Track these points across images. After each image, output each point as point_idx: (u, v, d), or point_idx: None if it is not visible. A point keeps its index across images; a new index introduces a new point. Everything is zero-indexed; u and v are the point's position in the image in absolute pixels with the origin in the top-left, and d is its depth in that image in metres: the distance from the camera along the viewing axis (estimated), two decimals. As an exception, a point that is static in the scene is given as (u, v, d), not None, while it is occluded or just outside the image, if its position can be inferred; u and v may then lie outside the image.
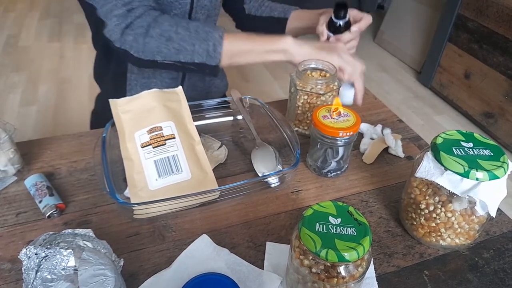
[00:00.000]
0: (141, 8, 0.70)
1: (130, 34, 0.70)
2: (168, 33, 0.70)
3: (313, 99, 0.72)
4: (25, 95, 2.24)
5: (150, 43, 0.70)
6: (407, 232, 0.59)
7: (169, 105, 0.67)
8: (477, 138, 0.54)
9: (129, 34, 0.70)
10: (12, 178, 0.65)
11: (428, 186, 0.53)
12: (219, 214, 0.61)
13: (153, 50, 0.71)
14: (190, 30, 0.71)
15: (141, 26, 0.69)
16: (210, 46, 0.71)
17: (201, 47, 0.71)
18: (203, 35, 0.71)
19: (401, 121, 0.84)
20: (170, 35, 0.70)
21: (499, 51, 1.93)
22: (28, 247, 0.42)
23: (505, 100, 1.93)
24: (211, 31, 0.71)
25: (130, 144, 0.63)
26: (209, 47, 0.71)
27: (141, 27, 0.69)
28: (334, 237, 0.42)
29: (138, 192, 0.59)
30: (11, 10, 3.33)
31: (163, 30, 0.70)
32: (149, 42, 0.70)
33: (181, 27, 0.70)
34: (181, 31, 0.70)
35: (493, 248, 0.57)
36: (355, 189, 0.66)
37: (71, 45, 2.80)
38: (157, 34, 0.70)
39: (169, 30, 0.70)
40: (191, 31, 0.70)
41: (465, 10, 2.08)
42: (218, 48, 0.71)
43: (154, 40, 0.70)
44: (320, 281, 0.43)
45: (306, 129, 0.77)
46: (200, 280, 0.45)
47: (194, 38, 0.70)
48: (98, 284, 0.41)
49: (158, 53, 0.71)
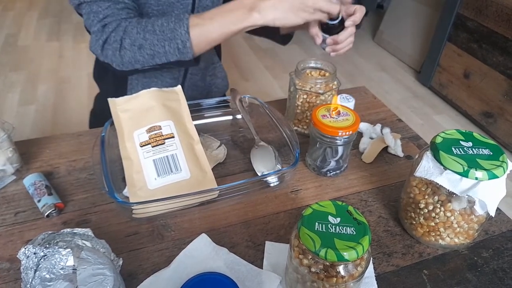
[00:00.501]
0: (114, 23, 0.71)
1: (109, 48, 0.72)
2: (138, 41, 0.71)
3: (313, 98, 0.72)
4: (24, 95, 2.23)
5: (126, 55, 0.72)
6: (406, 231, 0.59)
7: (168, 104, 0.67)
8: (477, 137, 0.54)
9: (108, 49, 0.72)
10: (10, 177, 0.65)
11: (427, 186, 0.53)
12: (218, 214, 0.61)
13: (130, 61, 0.72)
14: (157, 32, 0.70)
15: (115, 40, 0.71)
16: (179, 43, 0.70)
17: (171, 46, 0.70)
18: (169, 35, 0.70)
19: (401, 121, 0.84)
20: (140, 42, 0.71)
21: (499, 50, 1.93)
22: (27, 247, 0.42)
23: (504, 100, 1.93)
24: (176, 28, 0.70)
25: (129, 144, 0.63)
26: (178, 45, 0.70)
27: (116, 41, 0.71)
28: (333, 237, 0.42)
29: (137, 192, 0.59)
30: (10, 9, 3.33)
31: (133, 40, 0.71)
32: (124, 54, 0.71)
33: (147, 31, 0.70)
34: (148, 36, 0.70)
35: (492, 248, 0.57)
36: (355, 189, 0.66)
37: (70, 44, 2.80)
38: (129, 44, 0.71)
39: (138, 38, 0.70)
40: (158, 33, 0.70)
41: (465, 10, 2.08)
42: (187, 44, 0.70)
43: (128, 51, 0.71)
44: (320, 280, 0.43)
45: (306, 129, 0.77)
46: (199, 279, 0.45)
47: (162, 40, 0.70)
48: (97, 284, 0.41)
49: (136, 62, 0.72)
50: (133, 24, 0.71)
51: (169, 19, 0.70)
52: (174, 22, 0.70)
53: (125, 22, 0.72)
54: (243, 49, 2.81)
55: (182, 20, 0.70)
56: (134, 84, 0.87)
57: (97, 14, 0.71)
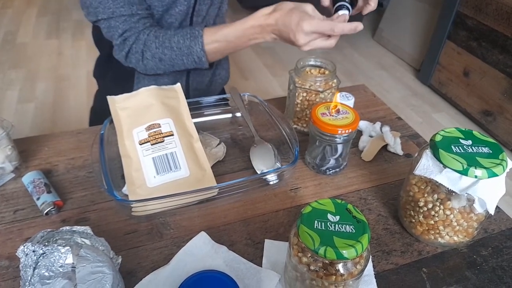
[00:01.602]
0: (133, 36, 0.76)
1: (132, 58, 0.78)
2: (158, 54, 0.77)
3: (312, 96, 0.72)
4: (23, 92, 2.23)
5: (148, 64, 0.78)
6: (405, 229, 0.59)
7: (168, 102, 0.67)
8: (476, 135, 0.54)
9: (132, 58, 0.78)
10: (9, 175, 0.65)
11: (426, 184, 0.53)
12: (217, 212, 0.61)
13: (153, 68, 0.79)
14: (174, 48, 0.76)
15: (136, 52, 0.77)
16: (195, 58, 0.77)
17: (188, 60, 0.77)
18: (186, 51, 0.76)
19: (400, 119, 0.84)
20: (160, 56, 0.77)
21: (498, 49, 1.93)
22: (26, 244, 0.42)
23: (504, 98, 1.93)
24: (191, 46, 0.75)
25: (128, 141, 0.63)
26: (195, 59, 0.77)
27: (137, 52, 0.77)
28: (333, 235, 0.42)
29: (136, 190, 0.59)
30: (9, 7, 3.32)
31: (153, 53, 0.77)
32: (147, 63, 0.78)
33: (165, 47, 0.76)
34: (167, 52, 0.76)
35: (491, 246, 0.57)
36: (354, 187, 0.66)
37: (69, 42, 2.79)
38: (151, 56, 0.77)
39: (157, 52, 0.77)
40: (175, 49, 0.76)
41: (464, 8, 2.08)
42: (203, 59, 0.77)
43: (150, 61, 0.78)
44: (319, 278, 0.43)
45: (305, 127, 0.77)
46: (199, 277, 0.45)
47: (179, 55, 0.76)
48: (96, 282, 0.41)
49: (158, 69, 0.80)
50: (151, 38, 0.76)
51: (185, 35, 0.75)
52: (190, 40, 0.75)
53: (143, 35, 0.76)
54: (242, 47, 2.80)
55: (197, 38, 0.75)
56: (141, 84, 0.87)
57: (116, 29, 0.75)
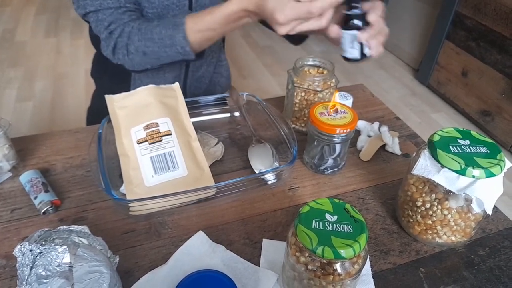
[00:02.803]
0: (119, 28, 0.74)
1: (119, 52, 0.75)
2: (141, 48, 0.73)
3: (310, 96, 0.72)
4: (21, 91, 2.23)
5: (134, 59, 0.75)
6: (403, 229, 0.59)
7: (166, 101, 0.67)
8: (474, 135, 0.54)
9: (118, 53, 0.75)
10: (7, 174, 0.64)
11: (424, 184, 0.53)
12: (215, 211, 0.60)
13: (140, 63, 0.76)
14: (156, 40, 0.72)
15: (122, 46, 0.74)
16: (178, 48, 0.72)
17: (172, 51, 0.73)
18: (168, 42, 0.72)
19: (398, 119, 0.84)
20: (143, 50, 0.74)
21: (497, 49, 1.93)
22: (23, 244, 0.42)
23: (502, 98, 1.94)
24: (173, 35, 0.71)
25: (126, 140, 0.63)
26: (178, 49, 0.73)
27: (123, 46, 0.74)
28: (331, 234, 0.42)
29: (134, 189, 0.59)
30: (7, 5, 3.31)
31: (136, 46, 0.73)
32: (133, 58, 0.75)
33: (147, 39, 0.72)
34: (149, 43, 0.73)
35: (489, 246, 0.57)
36: (352, 187, 0.66)
37: (68, 40, 2.78)
38: (135, 50, 0.74)
39: (140, 45, 0.73)
40: (157, 40, 0.72)
41: (463, 8, 2.08)
42: (187, 48, 0.72)
43: (136, 56, 0.75)
44: (316, 278, 0.43)
45: (303, 126, 0.77)
46: (196, 277, 0.45)
47: (162, 47, 0.73)
48: (93, 281, 0.41)
49: (145, 64, 0.76)
50: (134, 31, 0.73)
51: (167, 25, 0.72)
52: (172, 29, 0.71)
53: (128, 27, 0.74)
54: (241, 47, 2.80)
55: (178, 27, 0.71)
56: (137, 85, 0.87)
57: (102, 22, 0.74)
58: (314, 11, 0.58)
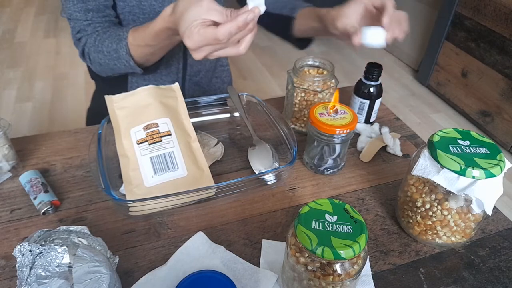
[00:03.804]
0: (84, 38, 0.77)
1: (86, 58, 0.79)
2: (96, 59, 0.77)
3: (310, 97, 0.72)
4: (21, 91, 2.23)
5: (96, 68, 0.79)
6: (403, 230, 0.59)
7: (165, 102, 0.67)
8: (474, 136, 0.54)
9: (86, 59, 0.79)
10: (6, 174, 0.64)
11: (424, 184, 0.53)
12: (215, 212, 0.60)
13: (101, 72, 0.80)
14: (105, 53, 0.74)
15: (86, 54, 0.78)
16: (124, 62, 0.74)
17: (120, 64, 0.74)
18: (114, 55, 0.73)
19: (398, 119, 0.84)
20: (98, 61, 0.77)
21: (496, 49, 1.93)
22: (23, 244, 0.42)
23: (501, 99, 1.94)
24: (118, 49, 0.72)
25: (125, 141, 0.63)
26: (125, 63, 0.74)
27: (86, 54, 0.78)
28: (330, 235, 0.42)
29: (134, 189, 0.59)
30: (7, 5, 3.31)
31: (93, 57, 0.77)
32: (94, 67, 0.79)
33: (99, 52, 0.75)
34: (101, 56, 0.75)
35: (488, 246, 0.57)
36: (352, 187, 0.66)
37: (67, 41, 2.78)
38: (93, 60, 0.77)
39: (95, 57, 0.76)
40: (105, 53, 0.74)
41: (463, 9, 2.08)
42: (131, 63, 0.73)
43: (96, 64, 0.78)
44: (316, 278, 0.43)
45: (303, 127, 0.77)
46: (196, 277, 0.45)
47: (111, 60, 0.74)
48: (92, 281, 0.41)
49: (105, 73, 0.80)
50: (91, 41, 0.76)
51: (113, 38, 0.73)
52: (116, 43, 0.72)
53: (90, 38, 0.77)
54: (241, 47, 2.80)
55: (121, 41, 0.72)
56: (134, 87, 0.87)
57: (73, 28, 0.78)
58: (221, 38, 0.53)
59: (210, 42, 0.55)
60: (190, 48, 0.57)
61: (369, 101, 0.76)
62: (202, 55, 0.57)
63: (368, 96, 0.76)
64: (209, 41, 0.54)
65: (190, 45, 0.56)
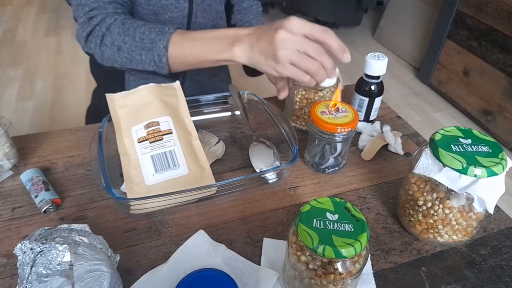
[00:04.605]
0: (99, 16, 0.71)
1: (92, 41, 0.72)
2: (117, 42, 0.69)
3: (311, 95, 0.72)
4: (22, 90, 2.23)
5: (106, 52, 0.71)
6: (404, 228, 0.59)
7: (166, 100, 0.67)
8: (476, 134, 0.54)
9: (91, 41, 0.72)
10: (7, 172, 0.64)
11: (426, 183, 0.53)
12: (216, 210, 0.60)
13: (109, 58, 0.72)
14: (136, 38, 0.68)
15: (97, 35, 0.70)
16: (155, 56, 0.68)
17: (147, 57, 0.69)
18: (148, 45, 0.68)
19: (400, 118, 0.84)
20: (119, 44, 0.70)
21: (498, 48, 1.93)
22: (24, 242, 0.42)
23: (503, 98, 1.93)
24: (155, 40, 0.67)
25: (126, 139, 0.63)
26: (155, 57, 0.69)
27: (97, 36, 0.70)
28: (332, 233, 0.42)
29: (135, 188, 0.59)
30: (8, 4, 3.31)
31: (113, 39, 0.70)
32: (104, 50, 0.71)
33: (127, 35, 0.69)
34: (127, 40, 0.69)
35: (490, 245, 0.57)
36: (353, 186, 0.66)
37: (68, 40, 2.79)
38: (110, 43, 0.70)
39: (117, 39, 0.69)
40: (137, 39, 0.68)
41: (464, 7, 2.08)
42: (163, 59, 0.68)
43: (108, 49, 0.71)
44: (317, 277, 0.43)
45: (304, 125, 0.77)
46: (197, 276, 0.45)
47: (139, 48, 0.69)
48: (93, 280, 0.41)
49: (114, 61, 0.72)
50: (117, 23, 0.70)
51: (153, 29, 0.68)
52: (156, 33, 0.68)
53: (110, 18, 0.71)
54: (242, 46, 2.79)
55: (164, 34, 0.67)
56: (132, 86, 0.87)
57: (84, 6, 0.71)
58: (328, 39, 0.59)
59: (311, 31, 0.57)
60: (279, 46, 0.57)
61: (368, 98, 0.76)
62: (289, 55, 0.58)
63: (369, 94, 0.75)
64: (311, 30, 0.57)
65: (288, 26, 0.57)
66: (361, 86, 0.76)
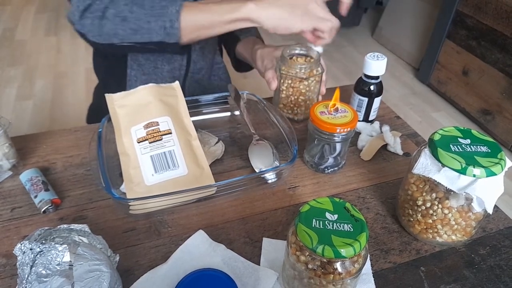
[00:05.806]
0: None
1: (88, 17, 0.68)
2: (123, 12, 0.67)
3: (296, 84, 0.73)
4: (22, 90, 2.23)
5: (106, 26, 0.68)
6: (403, 228, 0.59)
7: (166, 100, 0.67)
8: (475, 134, 0.54)
9: (87, 17, 0.68)
10: (7, 173, 0.64)
11: (425, 183, 0.53)
12: (215, 210, 0.60)
13: (109, 33, 0.68)
14: (145, 7, 0.66)
15: (98, 9, 0.67)
16: (166, 22, 0.66)
17: (157, 24, 0.66)
18: (158, 11, 0.66)
19: (399, 118, 0.84)
20: (125, 14, 0.67)
21: (497, 48, 1.93)
22: (23, 242, 0.42)
23: (502, 97, 1.93)
24: (167, 6, 0.65)
25: (126, 139, 0.63)
26: (166, 23, 0.66)
27: (98, 10, 0.67)
28: (331, 233, 0.42)
29: (134, 188, 0.59)
30: (7, 3, 3.31)
31: (118, 11, 0.67)
32: (105, 24, 0.68)
33: (136, 4, 0.66)
34: (136, 9, 0.66)
35: (489, 245, 0.57)
36: (352, 186, 0.66)
37: (68, 39, 2.78)
38: (113, 15, 0.67)
39: (124, 10, 0.67)
40: (146, 7, 0.66)
41: (464, 7, 2.08)
42: (175, 24, 0.66)
43: (110, 22, 0.67)
44: (317, 277, 0.43)
45: (290, 113, 0.79)
46: (196, 275, 0.45)
47: (149, 15, 0.66)
48: (93, 280, 0.41)
49: (115, 35, 0.68)
50: None
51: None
52: (167, 0, 0.67)
53: None
54: (241, 45, 2.79)
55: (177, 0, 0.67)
56: (133, 81, 0.87)
57: None
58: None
59: None
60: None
61: (367, 98, 0.76)
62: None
63: (368, 94, 0.76)
64: None
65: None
66: (360, 86, 0.76)
